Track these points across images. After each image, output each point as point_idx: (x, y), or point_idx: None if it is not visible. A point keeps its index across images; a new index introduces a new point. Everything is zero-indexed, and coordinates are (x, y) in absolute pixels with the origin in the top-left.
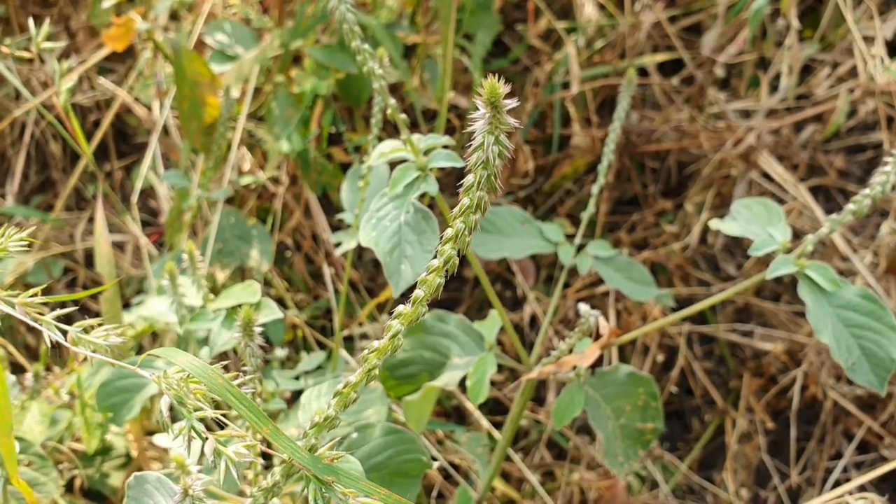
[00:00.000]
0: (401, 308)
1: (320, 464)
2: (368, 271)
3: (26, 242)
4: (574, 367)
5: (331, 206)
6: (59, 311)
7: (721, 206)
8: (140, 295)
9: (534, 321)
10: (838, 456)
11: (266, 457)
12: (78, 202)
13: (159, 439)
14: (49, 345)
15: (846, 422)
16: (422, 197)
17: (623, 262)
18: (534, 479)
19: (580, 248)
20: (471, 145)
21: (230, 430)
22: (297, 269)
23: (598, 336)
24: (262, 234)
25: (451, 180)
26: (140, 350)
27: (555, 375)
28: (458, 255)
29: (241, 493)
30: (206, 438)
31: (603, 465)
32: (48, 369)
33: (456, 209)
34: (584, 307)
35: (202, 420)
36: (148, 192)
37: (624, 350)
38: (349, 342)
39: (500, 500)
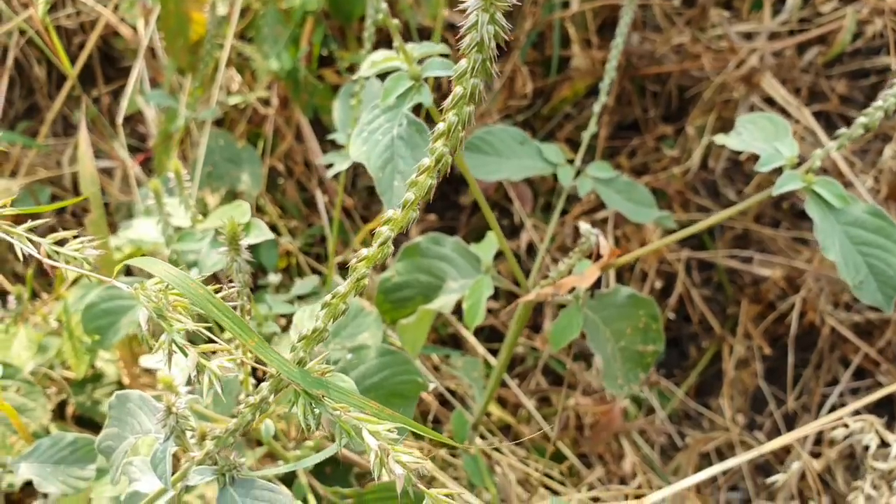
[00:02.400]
0: (391, 213)
1: (309, 377)
2: (362, 198)
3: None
4: (573, 289)
5: (323, 131)
6: (30, 224)
7: (722, 130)
8: (129, 220)
9: (531, 248)
10: (834, 382)
11: (259, 379)
12: (65, 128)
13: (145, 360)
14: (22, 258)
15: (843, 348)
16: (416, 109)
17: (623, 183)
18: (530, 404)
19: (580, 170)
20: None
21: (215, 346)
22: (289, 196)
23: (597, 257)
24: (252, 156)
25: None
26: (129, 275)
27: (553, 298)
28: (451, 154)
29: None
30: (188, 352)
31: (599, 391)
32: (36, 296)
33: (448, 100)
34: (584, 226)
35: (185, 335)
36: (136, 117)
37: (622, 276)
38: (343, 269)
39: (496, 425)
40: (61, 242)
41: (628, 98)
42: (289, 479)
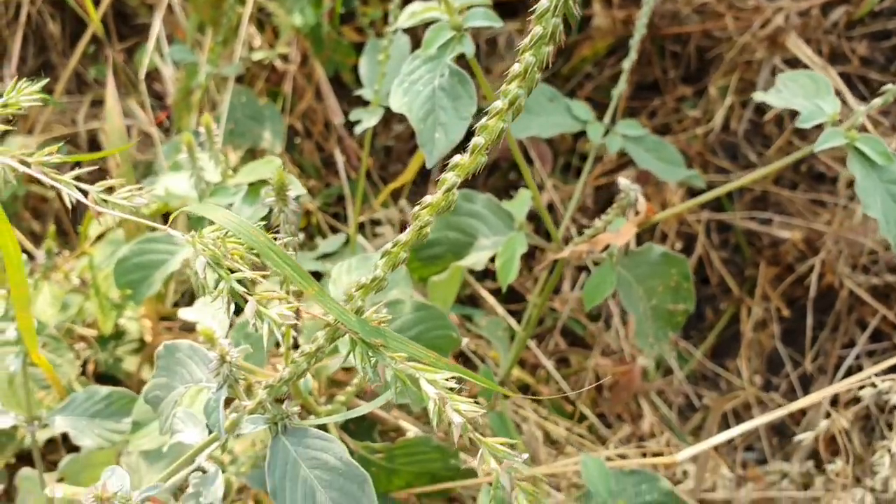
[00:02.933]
0: (458, 158)
1: (368, 326)
2: (380, 159)
3: (40, 98)
4: (606, 247)
5: (342, 91)
6: (77, 171)
7: (745, 91)
8: (149, 178)
9: (550, 208)
10: (851, 345)
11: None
12: (79, 86)
13: (185, 313)
14: (70, 205)
15: (860, 311)
16: (457, 60)
17: (653, 141)
18: (549, 364)
19: (608, 127)
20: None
21: (273, 294)
22: (307, 156)
23: (634, 214)
24: (274, 114)
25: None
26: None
27: (588, 255)
28: (526, 96)
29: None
30: (247, 300)
31: (618, 352)
32: (56, 253)
33: (526, 40)
34: (623, 181)
35: (240, 282)
36: (152, 76)
37: (641, 239)
38: (362, 229)
39: (516, 385)
40: (109, 190)
41: (648, 58)
42: None
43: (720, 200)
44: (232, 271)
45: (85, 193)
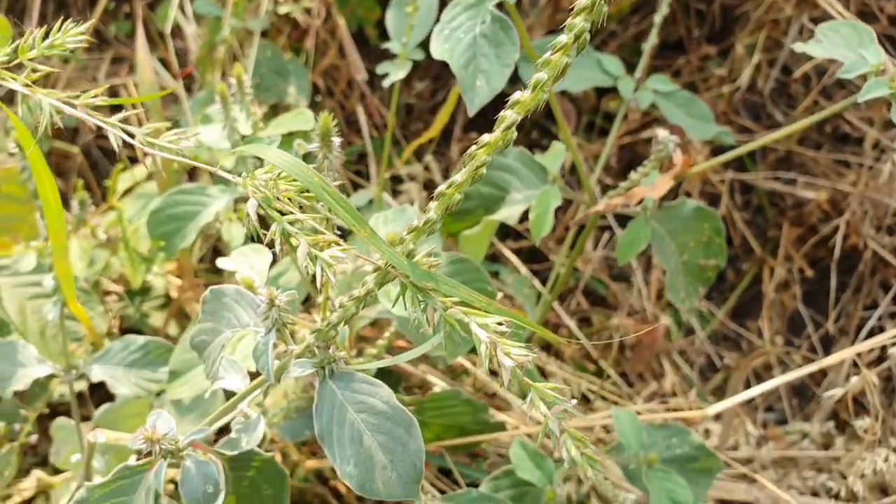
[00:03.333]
0: (518, 95)
1: (419, 270)
2: (400, 118)
3: (83, 40)
4: (640, 201)
5: (365, 48)
6: (124, 114)
7: (772, 50)
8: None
9: (573, 167)
10: (874, 306)
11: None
12: (99, 44)
13: (223, 262)
14: (118, 147)
15: (884, 272)
16: (497, 7)
17: (684, 97)
18: (572, 323)
19: (639, 83)
20: None
21: (325, 237)
22: (329, 113)
23: (669, 167)
24: (299, 69)
25: None
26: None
27: (623, 207)
28: (590, 33)
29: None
30: (299, 243)
31: (640, 311)
32: (88, 205)
33: None
34: (662, 132)
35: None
36: (173, 33)
37: (664, 199)
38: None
39: (537, 343)
40: (155, 133)
41: (673, 17)
42: None
43: (743, 161)
44: (282, 214)
45: (131, 136)
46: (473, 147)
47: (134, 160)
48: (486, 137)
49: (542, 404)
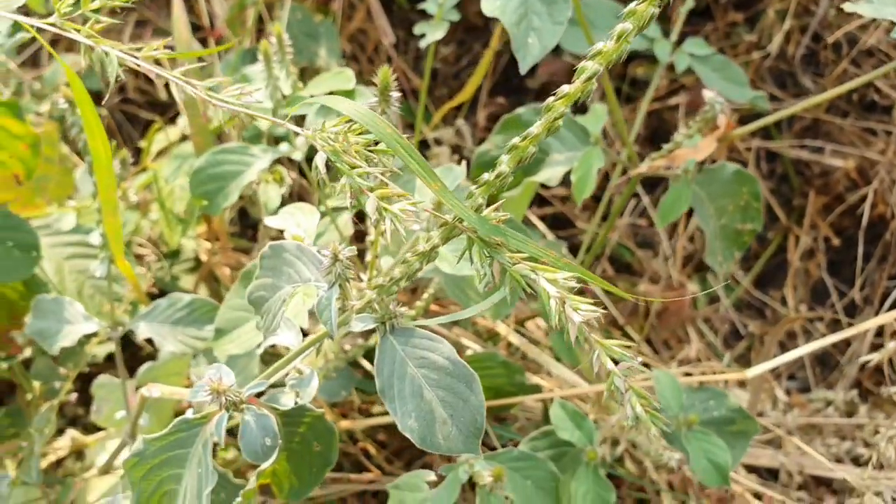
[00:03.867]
0: (600, 45)
1: (488, 225)
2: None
3: None
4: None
5: (392, 13)
6: (185, 68)
7: (801, 17)
8: None
9: (605, 134)
10: None
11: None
12: (122, 7)
13: (270, 221)
14: (180, 100)
15: None
16: None
17: (720, 61)
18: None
19: (675, 46)
20: None
21: (393, 191)
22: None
23: (713, 129)
24: (330, 31)
25: None
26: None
27: (666, 170)
28: None
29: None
30: (368, 196)
31: (666, 279)
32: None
33: None
34: (709, 93)
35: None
36: None
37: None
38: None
39: None
40: (216, 88)
41: None
42: None
43: (768, 129)
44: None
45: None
46: (551, 98)
47: (172, 121)
48: (565, 88)
49: (609, 361)
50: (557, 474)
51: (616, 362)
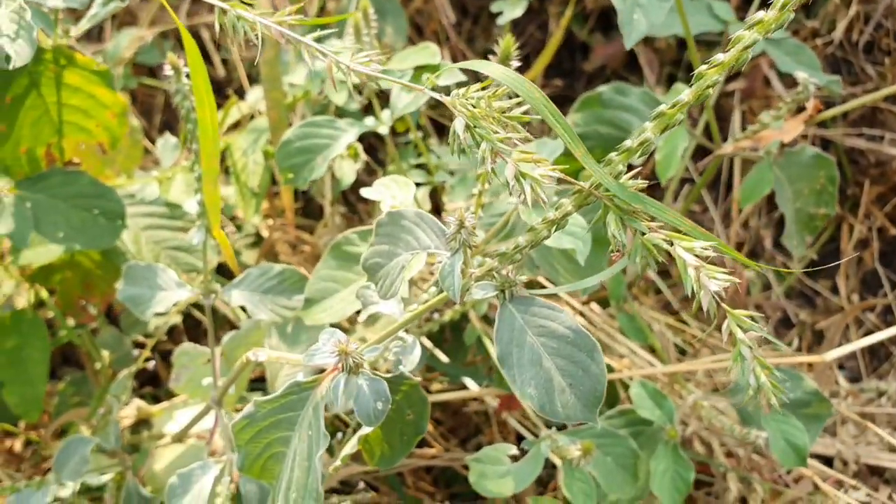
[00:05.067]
0: (760, 14)
1: (627, 191)
2: None
3: None
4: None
5: None
6: (318, 33)
7: (866, 2)
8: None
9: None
10: None
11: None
12: None
13: (367, 192)
14: (310, 66)
15: None
16: None
17: (793, 45)
18: (653, 274)
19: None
20: None
21: (531, 155)
22: None
23: (799, 110)
24: (396, 8)
25: None
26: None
27: (750, 150)
28: None
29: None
30: (506, 161)
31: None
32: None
33: None
34: (801, 74)
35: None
36: None
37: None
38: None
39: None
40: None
41: None
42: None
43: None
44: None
45: (324, 55)
46: (703, 66)
47: (225, 97)
48: (720, 57)
49: (739, 330)
50: (638, 452)
51: (744, 332)
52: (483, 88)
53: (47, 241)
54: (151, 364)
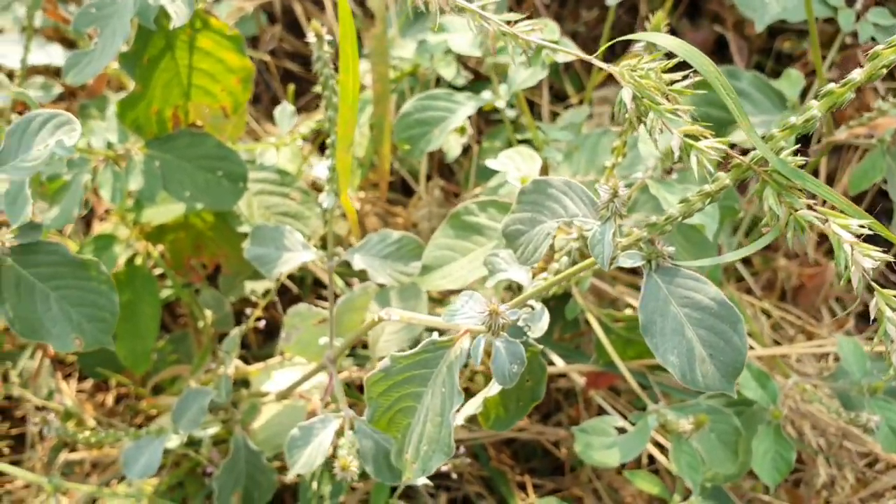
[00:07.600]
0: None
1: (788, 167)
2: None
3: None
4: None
5: None
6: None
7: None
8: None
9: None
10: None
11: None
12: None
13: (492, 163)
14: (473, 31)
15: None
16: None
17: None
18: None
19: (859, 14)
20: None
21: (697, 129)
22: None
23: None
24: None
25: None
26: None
27: (864, 138)
28: None
29: None
30: (672, 132)
31: (801, 255)
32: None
33: None
34: None
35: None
36: None
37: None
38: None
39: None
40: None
41: None
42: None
43: None
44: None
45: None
46: (879, 46)
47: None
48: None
49: (888, 308)
50: (741, 430)
51: (892, 311)
52: (653, 60)
53: (170, 200)
54: (262, 323)
